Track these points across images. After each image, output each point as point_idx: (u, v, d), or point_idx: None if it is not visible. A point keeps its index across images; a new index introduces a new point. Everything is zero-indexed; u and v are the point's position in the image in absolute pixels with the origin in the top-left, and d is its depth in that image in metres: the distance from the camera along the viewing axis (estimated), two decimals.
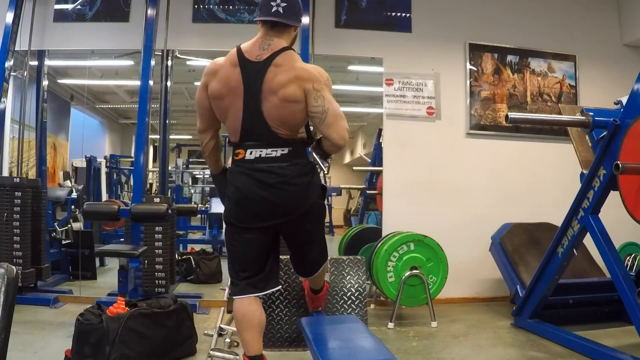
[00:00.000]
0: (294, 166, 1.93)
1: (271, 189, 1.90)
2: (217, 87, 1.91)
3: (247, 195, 1.92)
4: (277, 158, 1.91)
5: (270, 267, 2.04)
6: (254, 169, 1.91)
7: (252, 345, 1.96)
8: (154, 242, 3.60)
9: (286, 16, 1.93)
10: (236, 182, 1.95)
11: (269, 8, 1.92)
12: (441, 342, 3.11)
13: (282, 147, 1.91)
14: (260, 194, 1.91)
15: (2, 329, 1.00)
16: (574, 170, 3.14)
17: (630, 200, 2.58)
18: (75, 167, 5.19)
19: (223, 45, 4.24)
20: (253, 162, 1.91)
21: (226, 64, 1.92)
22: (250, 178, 1.91)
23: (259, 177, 1.90)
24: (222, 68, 1.92)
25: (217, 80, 1.91)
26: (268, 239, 2.02)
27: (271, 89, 1.87)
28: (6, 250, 3.58)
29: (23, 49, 4.03)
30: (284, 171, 1.91)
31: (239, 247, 1.99)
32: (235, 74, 1.89)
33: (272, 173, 1.90)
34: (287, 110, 1.88)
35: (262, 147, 1.91)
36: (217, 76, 1.92)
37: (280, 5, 1.91)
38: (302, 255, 2.19)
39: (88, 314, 2.49)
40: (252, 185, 1.91)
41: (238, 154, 1.94)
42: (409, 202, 4.23)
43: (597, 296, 3.37)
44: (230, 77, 1.90)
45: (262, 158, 1.91)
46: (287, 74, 1.87)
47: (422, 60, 4.34)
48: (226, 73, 1.90)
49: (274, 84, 1.86)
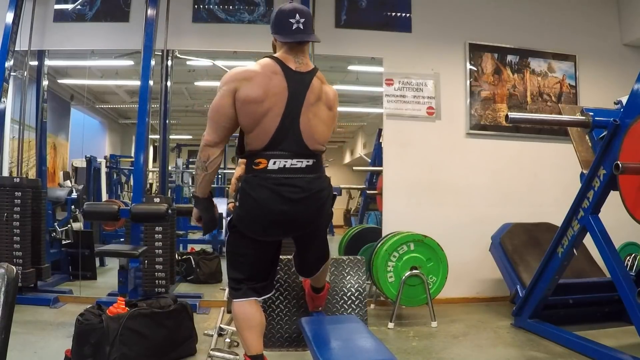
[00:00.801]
0: (318, 180, 1.93)
1: (294, 204, 1.88)
2: (254, 91, 1.83)
3: (268, 209, 1.87)
4: (302, 169, 1.89)
5: (272, 274, 2.09)
6: (277, 182, 1.86)
7: (252, 345, 1.97)
8: (154, 242, 3.60)
9: (308, 32, 1.92)
10: (256, 194, 1.87)
11: (289, 26, 1.90)
12: (441, 342, 3.11)
13: (307, 159, 1.90)
14: (282, 209, 1.87)
15: (2, 329, 0.99)
16: (574, 170, 3.13)
17: (630, 200, 2.58)
18: (75, 167, 5.18)
19: (223, 45, 4.34)
20: (276, 172, 1.86)
21: (263, 71, 1.87)
22: (272, 193, 1.86)
23: (282, 192, 1.86)
24: (259, 75, 1.86)
25: (253, 85, 1.84)
26: (276, 248, 2.06)
27: (319, 99, 1.91)
28: (6, 250, 3.58)
29: (23, 49, 4.03)
30: (309, 185, 1.89)
31: (249, 257, 1.99)
32: (278, 80, 1.86)
33: (296, 187, 1.87)
34: (328, 123, 1.96)
35: (289, 157, 1.87)
36: (252, 82, 1.85)
37: (300, 22, 1.89)
38: (308, 257, 2.21)
39: (88, 314, 2.49)
40: (274, 199, 1.86)
41: (259, 164, 1.87)
42: (409, 202, 4.23)
43: (597, 296, 3.37)
44: (272, 82, 1.85)
45: (287, 169, 1.87)
46: (331, 92, 1.99)
47: (422, 60, 4.34)
48: (266, 78, 1.85)
49: (319, 96, 1.91)
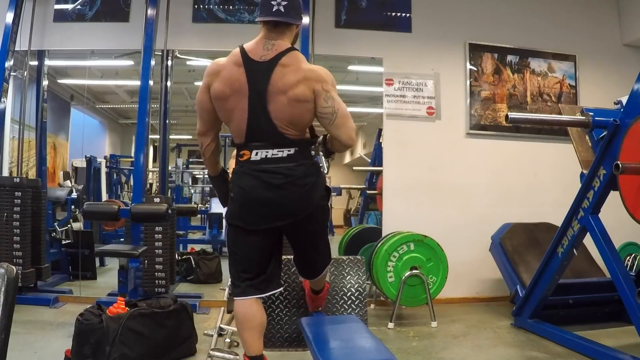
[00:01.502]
0: (301, 167, 1.91)
1: (277, 189, 1.88)
2: (220, 87, 1.88)
3: (253, 197, 1.90)
4: (283, 158, 1.89)
5: (272, 269, 2.03)
6: (259, 169, 1.89)
7: (252, 345, 1.96)
8: (154, 242, 3.60)
9: (288, 15, 1.90)
10: (241, 183, 1.92)
11: (269, 7, 1.90)
12: (441, 342, 3.11)
13: (288, 148, 1.89)
14: (266, 195, 1.89)
15: (2, 329, 0.99)
16: (574, 170, 3.13)
17: (630, 200, 2.57)
18: (75, 167, 5.18)
19: (223, 45, 4.26)
20: (259, 162, 1.89)
21: (229, 64, 1.89)
22: (255, 179, 1.89)
23: (264, 178, 1.88)
24: (225, 68, 1.89)
25: (220, 81, 1.88)
26: (271, 241, 2.01)
27: (279, 89, 1.85)
28: (6, 250, 3.58)
29: (23, 49, 4.03)
30: (290, 172, 1.89)
31: (242, 248, 1.98)
32: (239, 74, 1.87)
33: (278, 174, 1.88)
34: (296, 110, 1.88)
35: (268, 147, 1.88)
36: (219, 77, 1.88)
37: (281, 4, 1.89)
38: (306, 258, 2.19)
39: (88, 314, 2.49)
40: (257, 186, 1.89)
41: (243, 155, 1.91)
42: (409, 202, 4.23)
43: (597, 296, 3.37)
44: (235, 77, 1.87)
45: (268, 159, 1.89)
46: (295, 75, 1.86)
47: (422, 60, 4.34)
48: (230, 73, 1.87)
49: (282, 84, 1.85)
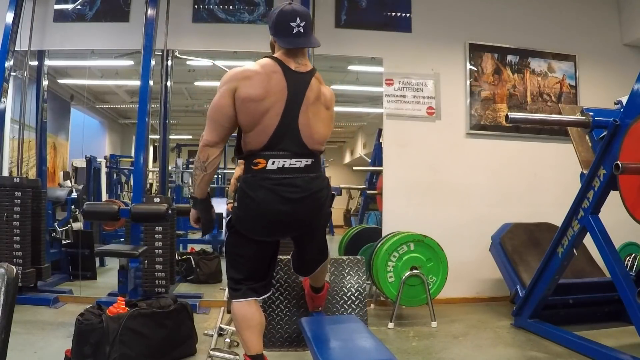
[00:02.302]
0: (317, 180, 1.93)
1: (294, 203, 1.88)
2: (254, 90, 1.83)
3: (268, 210, 1.87)
4: (300, 169, 1.89)
5: (270, 274, 2.09)
6: (276, 182, 1.86)
7: (252, 344, 1.97)
8: (154, 242, 3.60)
9: (308, 35, 1.90)
10: (255, 194, 1.87)
11: (289, 30, 1.87)
12: (441, 342, 3.11)
13: (306, 158, 1.90)
14: (282, 209, 1.87)
15: (2, 329, 0.99)
16: (574, 170, 3.13)
17: (630, 200, 2.57)
18: (75, 167, 5.18)
19: (223, 45, 4.34)
20: (275, 172, 1.86)
21: (264, 70, 1.86)
22: (271, 193, 1.86)
23: (281, 192, 1.86)
24: (258, 74, 1.85)
25: (253, 84, 1.83)
26: (275, 248, 2.06)
27: (314, 100, 1.90)
28: (6, 250, 3.58)
29: (23, 49, 4.03)
30: (307, 185, 1.89)
31: (248, 258, 2.00)
32: (278, 79, 1.85)
33: (296, 187, 1.87)
34: (327, 123, 1.97)
35: (287, 157, 1.87)
36: (252, 80, 1.84)
37: (300, 26, 1.87)
38: (306, 256, 2.21)
39: (88, 314, 2.49)
40: (273, 200, 1.86)
41: (258, 164, 1.87)
42: (409, 202, 4.23)
43: (597, 296, 3.37)
44: (272, 81, 1.85)
45: (285, 168, 1.87)
46: (328, 92, 1.99)
47: (422, 60, 4.34)
48: (266, 77, 1.85)
49: (322, 97, 1.93)
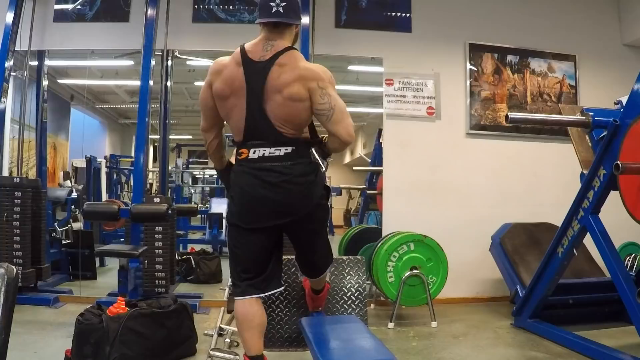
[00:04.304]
0: (298, 165, 1.93)
1: (275, 188, 1.90)
2: (221, 87, 1.92)
3: (252, 195, 1.92)
4: (280, 157, 1.91)
5: (272, 268, 2.04)
6: (257, 168, 1.91)
7: (252, 345, 1.96)
8: (154, 242, 3.60)
9: (287, 15, 1.93)
10: (240, 182, 1.95)
11: (268, 9, 1.92)
12: (441, 342, 3.11)
13: (285, 146, 1.91)
14: (264, 194, 1.90)
15: (2, 329, 0.99)
16: (574, 170, 3.13)
17: (630, 200, 2.57)
18: (75, 167, 5.19)
19: (223, 45, 4.27)
20: (257, 161, 1.91)
21: (230, 63, 1.93)
22: (254, 178, 1.91)
23: (262, 177, 1.90)
24: (227, 68, 1.92)
25: (221, 80, 1.92)
26: (271, 240, 2.02)
27: (275, 88, 1.87)
28: (6, 250, 3.58)
29: (23, 49, 4.03)
30: (287, 170, 1.91)
31: (242, 248, 1.99)
32: (238, 74, 1.90)
33: (275, 172, 1.90)
34: (291, 109, 1.89)
35: (266, 146, 1.91)
36: (221, 76, 1.92)
37: (280, 5, 1.91)
38: (307, 257, 2.21)
39: (88, 314, 2.49)
40: (255, 185, 1.91)
41: (241, 154, 1.94)
42: (409, 202, 4.23)
43: (597, 296, 3.37)
44: (234, 76, 1.90)
45: (266, 157, 1.91)
46: (291, 73, 1.88)
47: (422, 60, 4.34)
48: (230, 73, 1.91)
49: (278, 83, 1.87)
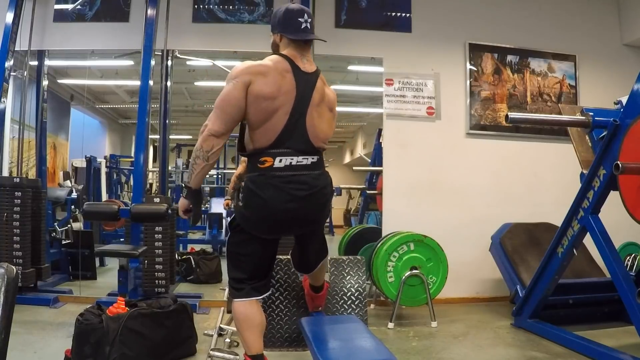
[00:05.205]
0: (322, 176, 1.98)
1: (301, 201, 1.90)
2: (267, 88, 1.87)
3: (275, 208, 1.89)
4: (307, 166, 1.92)
5: (271, 272, 2.13)
6: (284, 180, 1.88)
7: (252, 344, 1.97)
8: (154, 242, 3.60)
9: (313, 31, 2.00)
10: (262, 193, 1.88)
11: (297, 25, 1.96)
12: (441, 342, 3.11)
13: (312, 155, 1.94)
14: (289, 207, 1.89)
15: (2, 329, 0.99)
16: (574, 170, 3.14)
17: (630, 200, 2.57)
18: (75, 167, 5.18)
19: (223, 45, 4.34)
20: (282, 170, 1.88)
21: (276, 67, 1.91)
22: (279, 191, 1.88)
23: (289, 190, 1.88)
24: (272, 71, 1.89)
25: (267, 81, 1.87)
26: (277, 246, 2.08)
27: (320, 101, 1.96)
28: (6, 250, 3.58)
29: (23, 49, 4.03)
30: (315, 182, 1.93)
31: (252, 257, 2.00)
32: (288, 78, 1.91)
33: (303, 184, 1.90)
34: (329, 124, 2.04)
35: (294, 154, 1.90)
36: (267, 77, 1.87)
37: (307, 22, 1.97)
38: (308, 252, 2.24)
39: (88, 314, 2.49)
40: (280, 198, 1.88)
41: (264, 162, 1.88)
42: (409, 202, 4.23)
43: (597, 296, 3.37)
44: (284, 80, 1.90)
45: (293, 166, 1.89)
46: (331, 93, 2.06)
47: (422, 60, 4.34)
48: (278, 76, 1.89)
49: (322, 97, 1.97)
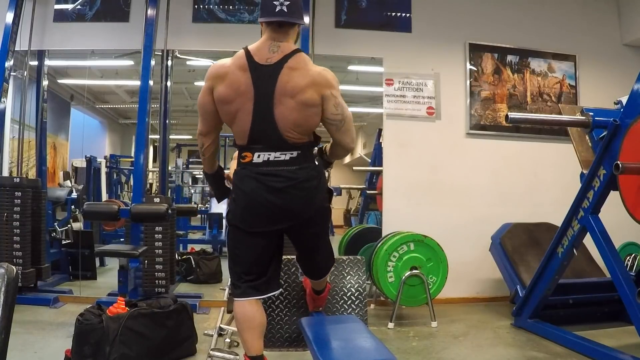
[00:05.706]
0: (303, 170, 1.91)
1: (279, 193, 1.88)
2: (224, 91, 1.86)
3: (256, 200, 1.90)
4: (286, 161, 1.89)
5: (272, 270, 2.04)
6: (262, 172, 1.88)
7: (252, 345, 1.96)
8: (154, 242, 3.60)
9: (291, 14, 1.89)
10: (243, 186, 1.91)
11: (272, 8, 1.88)
12: (441, 342, 3.11)
13: (291, 151, 1.89)
14: (269, 198, 1.88)
15: (2, 329, 0.99)
16: (574, 170, 3.14)
17: (630, 200, 2.58)
18: (75, 167, 5.18)
19: (223, 45, 4.34)
20: (261, 165, 1.89)
21: (233, 67, 1.87)
22: (258, 182, 1.88)
23: (267, 182, 1.88)
24: (230, 72, 1.87)
25: (224, 85, 1.86)
26: (272, 242, 2.02)
27: (286, 92, 1.84)
28: (6, 250, 3.58)
29: (23, 49, 4.03)
30: (293, 175, 1.89)
31: (243, 250, 1.98)
32: (244, 78, 1.85)
33: (280, 177, 1.88)
34: (303, 114, 1.87)
35: (271, 150, 1.88)
36: (224, 80, 1.86)
37: (284, 4, 1.88)
38: (309, 259, 2.21)
39: (88, 314, 2.49)
40: (260, 189, 1.88)
41: (245, 157, 1.91)
42: (409, 202, 4.23)
43: (597, 296, 3.38)
44: (239, 81, 1.86)
45: (270, 161, 1.88)
46: (303, 78, 1.85)
47: (422, 60, 4.34)
48: (234, 77, 1.86)
49: (290, 88, 1.84)
